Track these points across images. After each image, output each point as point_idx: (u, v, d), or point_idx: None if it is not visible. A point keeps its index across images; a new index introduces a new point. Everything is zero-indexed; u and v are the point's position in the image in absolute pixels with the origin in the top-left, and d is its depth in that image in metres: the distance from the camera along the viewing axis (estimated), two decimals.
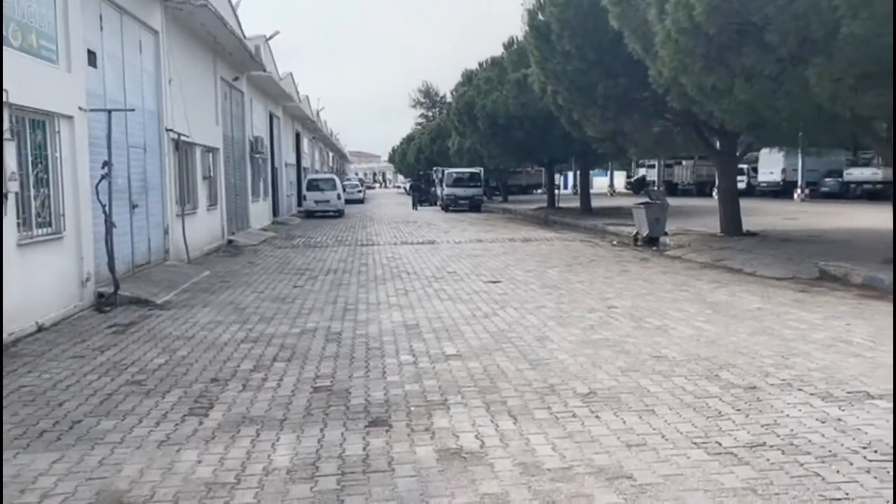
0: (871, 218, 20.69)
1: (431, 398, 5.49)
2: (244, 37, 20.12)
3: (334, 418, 5.08)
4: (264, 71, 23.22)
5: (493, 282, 11.55)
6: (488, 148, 31.96)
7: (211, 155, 17.91)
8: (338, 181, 36.51)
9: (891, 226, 12.01)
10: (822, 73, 9.63)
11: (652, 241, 16.54)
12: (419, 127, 77.05)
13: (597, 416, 4.98)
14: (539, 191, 51.79)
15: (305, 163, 45.70)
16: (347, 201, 39.53)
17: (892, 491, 3.70)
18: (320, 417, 5.11)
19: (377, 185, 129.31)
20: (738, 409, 5.05)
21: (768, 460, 4.14)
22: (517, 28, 36.53)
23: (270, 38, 26.35)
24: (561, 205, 31.94)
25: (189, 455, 4.44)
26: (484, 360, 6.57)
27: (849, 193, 32.58)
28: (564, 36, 16.59)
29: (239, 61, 20.68)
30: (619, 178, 57.20)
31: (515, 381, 5.88)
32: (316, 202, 33.25)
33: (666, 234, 16.80)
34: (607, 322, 8.20)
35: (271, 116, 30.42)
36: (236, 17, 19.46)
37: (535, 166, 47.07)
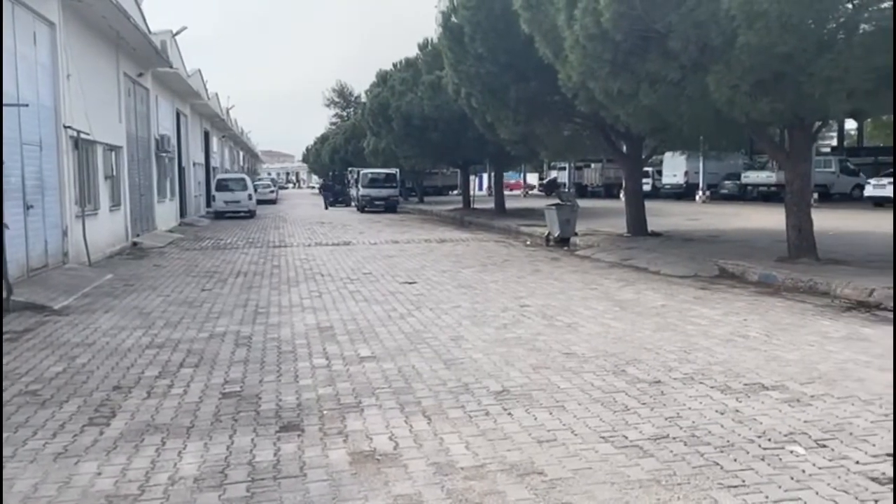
0: (765, 218, 21.86)
1: (345, 401, 5.43)
2: (149, 31, 19.37)
3: (244, 424, 4.95)
4: (171, 67, 22.44)
5: (409, 283, 11.55)
6: (403, 149, 31.97)
7: (114, 153, 17.14)
8: (249, 181, 35.68)
9: (781, 226, 12.74)
10: (721, 80, 10.11)
11: (563, 242, 16.95)
12: (334, 127, 76.23)
13: (509, 414, 5.05)
14: (454, 192, 52.20)
15: (215, 162, 44.47)
16: (259, 202, 38.71)
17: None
18: (229, 424, 4.97)
19: (291, 185, 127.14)
20: (644, 403, 5.23)
21: (672, 452, 4.31)
22: (432, 29, 36.75)
23: (177, 33, 25.50)
24: (476, 206, 32.28)
25: (88, 467, 4.23)
26: (399, 362, 6.55)
27: (746, 195, 34.32)
28: (477, 38, 16.77)
29: (144, 57, 19.89)
30: (532, 180, 58.33)
31: (430, 382, 5.89)
32: (226, 203, 32.40)
33: (576, 234, 17.25)
34: (520, 321, 8.34)
35: (178, 114, 29.42)
36: (140, 10, 18.70)
37: (450, 167, 47.43)
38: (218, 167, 46.11)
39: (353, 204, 40.81)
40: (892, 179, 28.61)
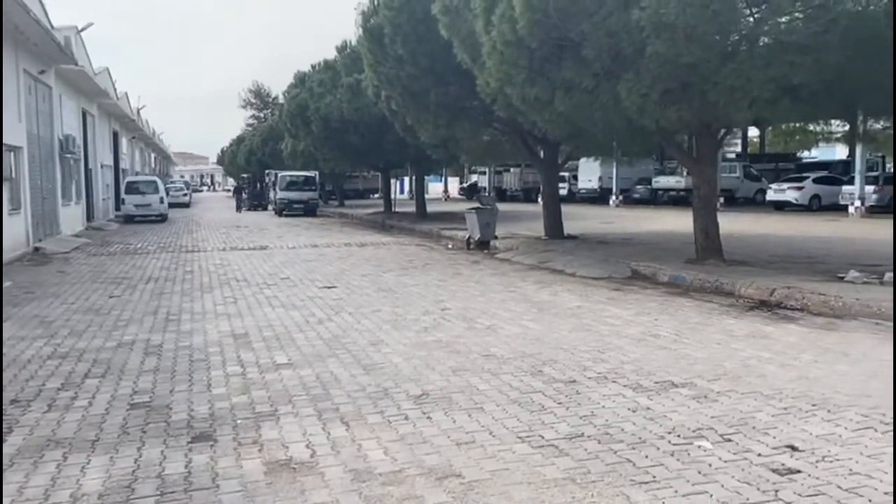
0: (675, 221, 22.71)
1: (260, 409, 5.30)
2: (52, 26, 18.45)
3: (153, 436, 4.77)
4: (76, 65, 21.45)
5: (328, 287, 11.40)
6: (323, 151, 31.60)
7: (12, 154, 16.23)
8: (160, 183, 34.48)
9: (690, 229, 13.27)
10: (632, 88, 10.44)
11: (483, 245, 17.12)
12: (250, 128, 74.57)
13: (428, 417, 5.05)
14: (376, 195, 51.94)
15: (124, 164, 42.81)
16: (172, 205, 37.52)
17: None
18: (137, 436, 4.77)
19: (205, 187, 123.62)
20: (560, 403, 5.33)
21: (586, 450, 4.40)
22: (351, 31, 36.45)
23: (83, 29, 24.42)
24: (397, 209, 32.23)
25: None
26: (317, 368, 6.45)
27: (657, 199, 35.57)
28: (398, 41, 16.74)
29: (46, 53, 18.93)
30: (454, 184, 58.69)
31: (349, 387, 5.82)
32: (136, 206, 31.23)
33: (496, 237, 17.46)
34: (440, 324, 8.36)
35: (85, 114, 28.16)
36: (42, 4, 17.79)
37: (371, 171, 47.21)
38: (128, 169, 44.41)
39: (270, 207, 40.03)
40: (793, 185, 30.29)
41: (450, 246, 18.39)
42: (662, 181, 35.50)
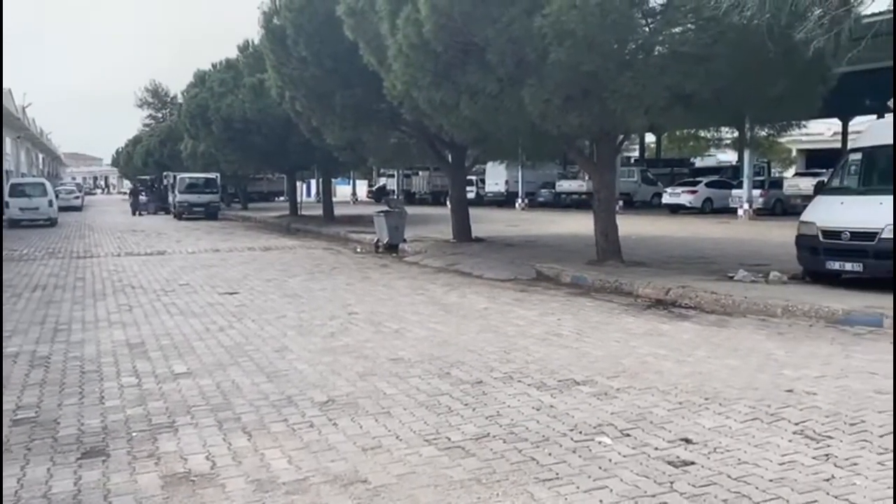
0: (578, 224, 23.34)
1: (157, 421, 5.08)
2: None
3: (39, 453, 4.48)
4: None
5: (231, 293, 11.07)
6: (224, 153, 30.73)
7: None
8: (49, 186, 32.57)
9: (591, 231, 13.68)
10: (535, 94, 10.66)
11: (392, 248, 17.08)
12: (147, 129, 71.58)
13: (334, 424, 4.97)
14: (281, 198, 50.93)
15: (9, 165, 40.26)
16: (62, 208, 35.54)
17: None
18: (21, 454, 4.47)
19: (99, 190, 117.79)
20: (466, 404, 5.37)
21: (492, 450, 4.45)
22: (253, 31, 35.59)
23: None
24: (304, 212, 31.71)
25: None
26: (217, 377, 6.24)
27: (560, 203, 36.54)
28: (301, 41, 16.46)
29: None
30: (362, 187, 58.30)
31: (251, 396, 5.66)
32: (21, 210, 29.38)
33: (405, 240, 17.45)
34: (348, 328, 8.27)
35: None
36: None
37: (276, 173, 46.24)
38: (13, 171, 41.77)
39: (171, 211, 38.57)
40: (687, 189, 31.77)
41: (358, 249, 18.24)
42: (566, 185, 36.51)
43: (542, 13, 9.80)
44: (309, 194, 52.49)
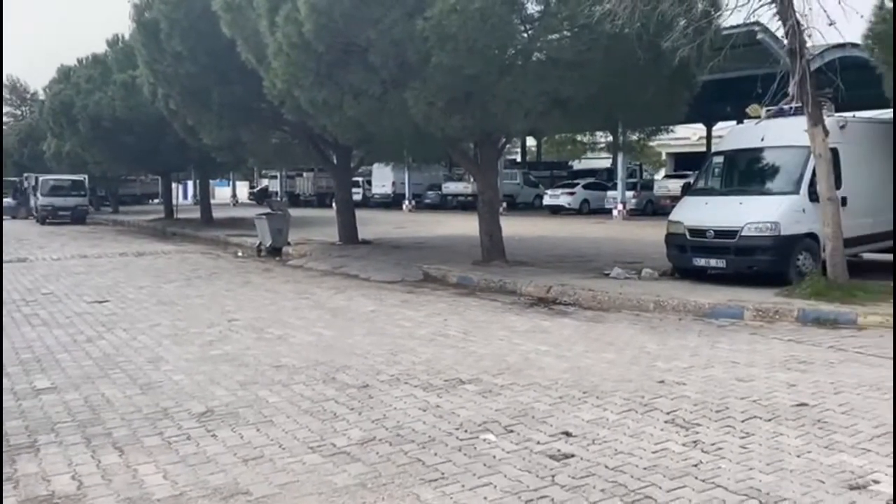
0: (464, 225, 23.65)
1: (16, 441, 4.69)
2: None
3: None
4: None
5: (100, 301, 10.43)
6: (92, 153, 28.97)
7: None
8: None
9: (477, 232, 13.90)
10: (418, 96, 10.72)
11: (275, 252, 16.66)
12: (6, 127, 66.37)
13: (213, 435, 4.77)
14: (156, 201, 48.56)
15: None
16: None
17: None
18: None
19: None
20: (352, 409, 5.30)
21: (378, 454, 4.41)
22: (124, 24, 33.70)
23: None
24: (180, 216, 30.38)
25: None
26: (85, 390, 5.85)
27: (447, 204, 36.93)
28: (175, 36, 15.74)
29: None
30: (243, 188, 56.56)
31: (123, 410, 5.34)
32: None
33: (289, 244, 17.08)
34: (227, 336, 7.98)
35: None
36: None
37: (149, 174, 44.08)
38: None
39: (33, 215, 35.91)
40: (566, 190, 32.93)
41: (239, 254, 17.68)
42: (452, 187, 36.93)
43: (424, 16, 9.87)
44: (186, 196, 50.30)
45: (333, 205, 25.24)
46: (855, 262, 11.51)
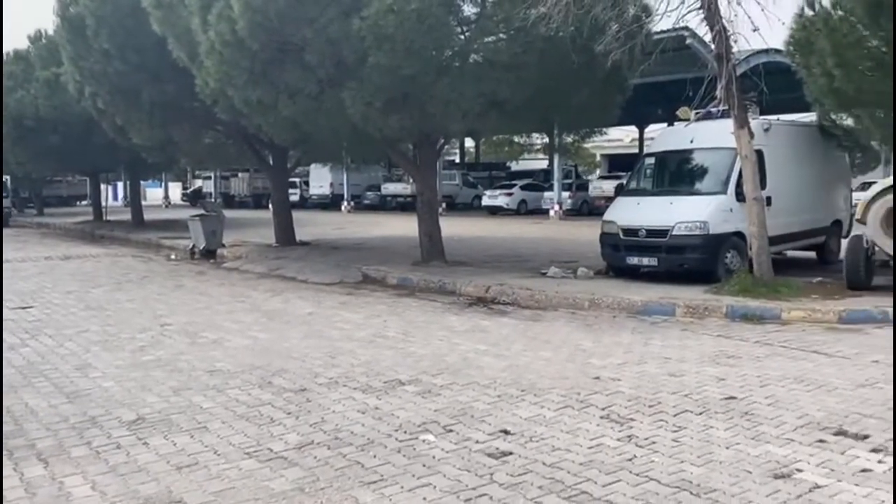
0: (403, 226, 23.63)
1: None
2: None
3: None
4: None
5: (23, 307, 9.99)
6: (15, 153, 27.69)
7: None
8: None
9: (416, 233, 13.90)
10: (355, 96, 10.65)
11: (210, 254, 16.29)
12: None
13: (144, 444, 4.64)
14: (84, 202, 46.83)
15: None
16: None
17: None
18: None
19: None
20: (289, 413, 5.23)
21: (315, 457, 4.36)
22: (47, 19, 32.34)
23: None
24: (110, 217, 29.37)
25: None
26: (8, 400, 5.59)
27: (386, 205, 36.80)
28: (103, 33, 15.21)
29: None
30: (176, 189, 55.08)
31: (48, 420, 5.14)
32: None
33: (223, 246, 16.72)
34: (160, 341, 7.76)
35: None
36: None
37: (77, 175, 42.50)
38: None
39: None
40: (504, 191, 33.24)
41: (173, 256, 17.21)
42: (391, 187, 36.83)
43: (361, 16, 9.81)
44: (116, 198, 48.63)
45: (270, 206, 24.88)
46: (780, 260, 12.00)
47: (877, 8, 8.80)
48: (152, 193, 52.24)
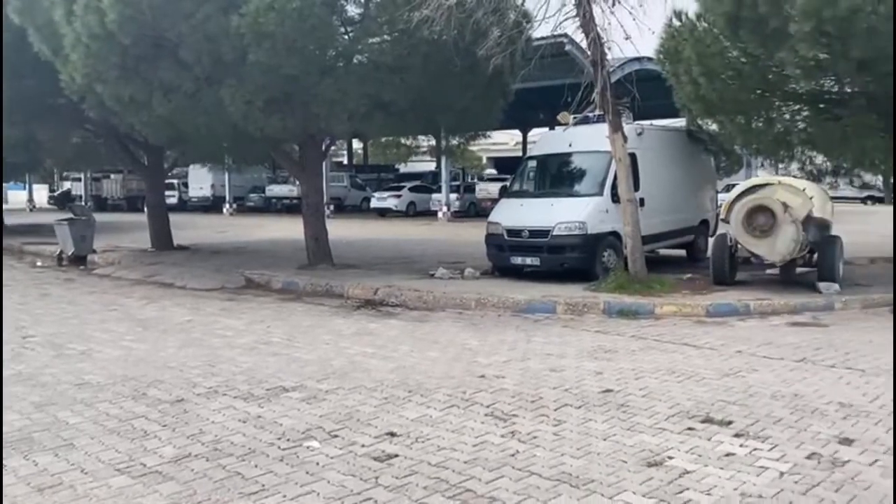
0: (289, 228, 23.09)
1: None
2: None
3: None
4: None
5: None
6: None
7: None
8: None
9: (303, 235, 13.64)
10: (235, 95, 10.31)
11: (79, 260, 15.32)
12: None
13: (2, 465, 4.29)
14: None
15: None
16: None
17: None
18: None
19: None
20: (165, 425, 4.98)
21: (193, 470, 4.18)
22: None
23: None
24: None
25: None
26: None
27: (271, 207, 35.89)
28: None
29: None
30: (41, 192, 51.42)
31: None
32: None
33: (94, 251, 15.77)
34: (21, 354, 7.21)
35: None
36: None
37: None
38: None
39: None
40: (393, 193, 33.22)
41: (38, 263, 16.06)
42: (276, 189, 35.96)
43: (240, 12, 9.52)
44: None
45: (145, 209, 23.71)
46: (653, 258, 12.64)
47: (736, 21, 9.42)
48: (15, 196, 48.50)
